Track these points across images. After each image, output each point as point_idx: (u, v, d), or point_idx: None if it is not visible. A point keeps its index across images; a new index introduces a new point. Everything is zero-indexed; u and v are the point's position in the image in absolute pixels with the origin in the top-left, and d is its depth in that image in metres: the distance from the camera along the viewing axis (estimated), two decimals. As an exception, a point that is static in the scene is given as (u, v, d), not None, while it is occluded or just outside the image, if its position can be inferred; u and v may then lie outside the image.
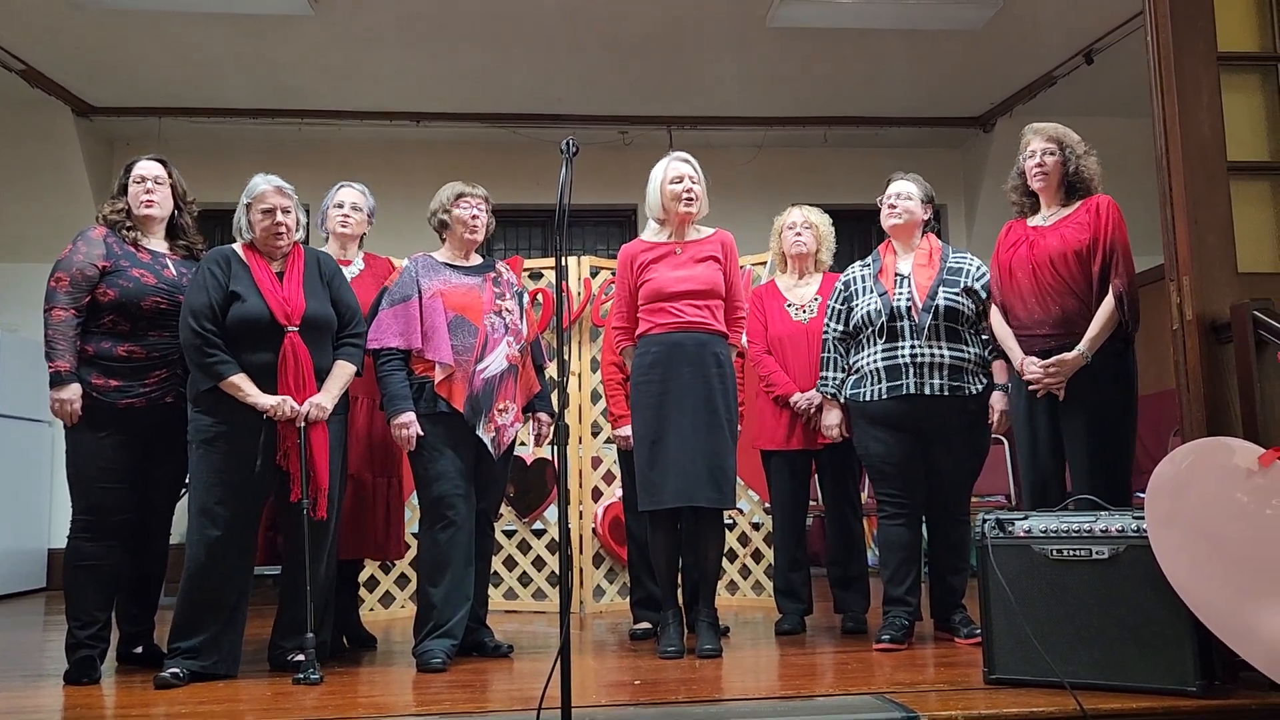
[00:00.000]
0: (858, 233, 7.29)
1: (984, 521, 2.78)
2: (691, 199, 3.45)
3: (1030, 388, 3.22)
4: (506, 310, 3.41)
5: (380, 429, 3.49)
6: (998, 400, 3.42)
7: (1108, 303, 3.13)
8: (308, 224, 3.31)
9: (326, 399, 3.10)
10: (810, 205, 4.05)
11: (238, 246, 3.20)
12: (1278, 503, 2.37)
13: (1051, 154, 3.29)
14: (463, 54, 5.94)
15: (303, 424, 3.03)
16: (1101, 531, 2.62)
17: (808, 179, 7.10)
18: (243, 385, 2.99)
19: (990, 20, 5.56)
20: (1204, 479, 2.46)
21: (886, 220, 3.54)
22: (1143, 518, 2.54)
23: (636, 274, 3.47)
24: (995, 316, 3.37)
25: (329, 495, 3.10)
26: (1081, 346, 3.13)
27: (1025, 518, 2.74)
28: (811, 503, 4.09)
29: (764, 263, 4.61)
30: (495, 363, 3.33)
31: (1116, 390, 3.17)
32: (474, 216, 3.41)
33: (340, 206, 3.69)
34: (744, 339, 3.66)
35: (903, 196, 3.54)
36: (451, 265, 3.43)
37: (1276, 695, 2.38)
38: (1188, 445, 2.56)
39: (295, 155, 6.54)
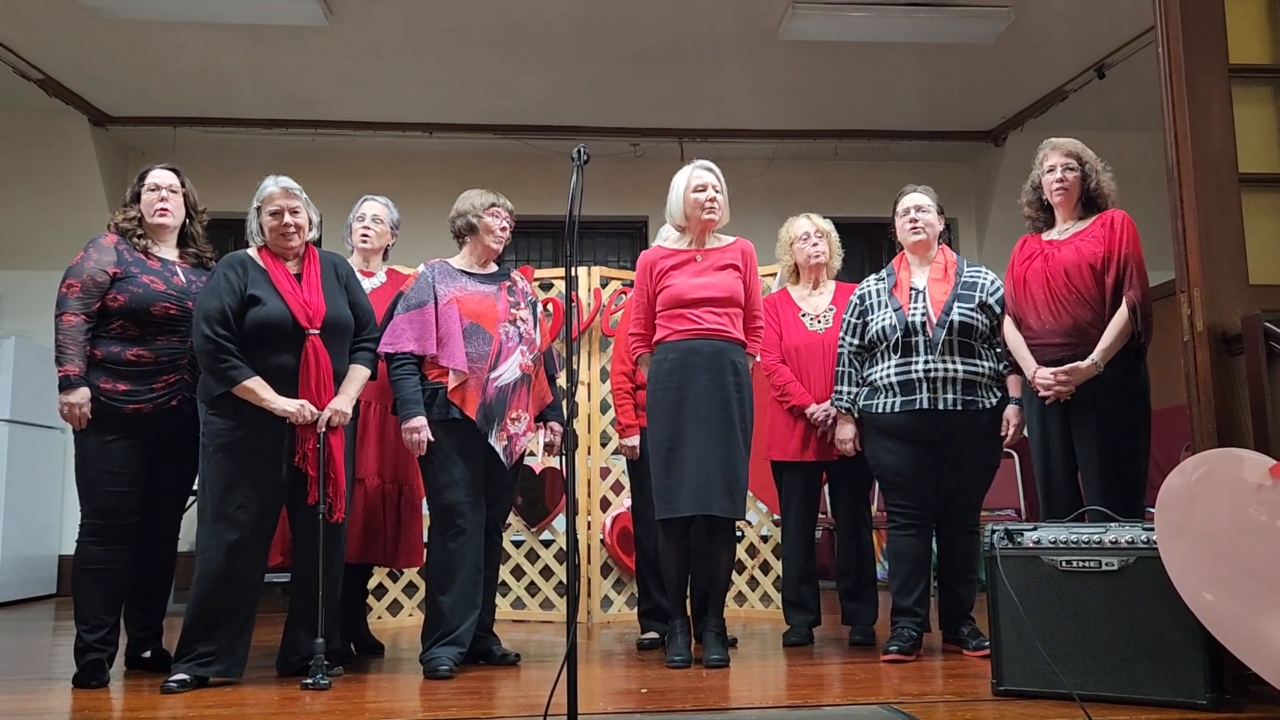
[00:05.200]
0: (868, 246, 7.30)
1: (993, 532, 2.77)
2: (714, 208, 3.45)
3: (1040, 395, 3.23)
4: (521, 319, 3.43)
5: (393, 435, 3.50)
6: (1012, 414, 3.41)
7: (1120, 314, 3.14)
8: (319, 222, 3.32)
9: (345, 403, 3.12)
10: (814, 214, 4.05)
11: (253, 251, 3.22)
12: (1289, 515, 2.35)
13: (1072, 169, 3.30)
14: (475, 65, 5.98)
15: (323, 429, 3.05)
16: (1111, 543, 2.61)
17: (819, 192, 7.11)
18: (257, 389, 3.00)
19: (1002, 34, 5.56)
20: (1214, 490, 2.45)
21: (909, 236, 3.54)
22: (1152, 529, 2.53)
23: (655, 280, 3.47)
24: (1009, 327, 3.38)
25: (344, 498, 3.11)
26: (1094, 356, 3.13)
27: (1034, 528, 2.73)
28: (820, 515, 4.08)
29: (774, 274, 4.61)
30: (509, 371, 3.33)
31: (1128, 402, 3.17)
32: (503, 228, 3.46)
33: (362, 220, 3.74)
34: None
35: (922, 210, 3.55)
36: (468, 272, 3.44)
37: (1288, 709, 2.37)
38: (1198, 456, 2.55)
39: (308, 166, 6.57)
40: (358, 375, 3.21)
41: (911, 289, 3.48)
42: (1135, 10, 5.14)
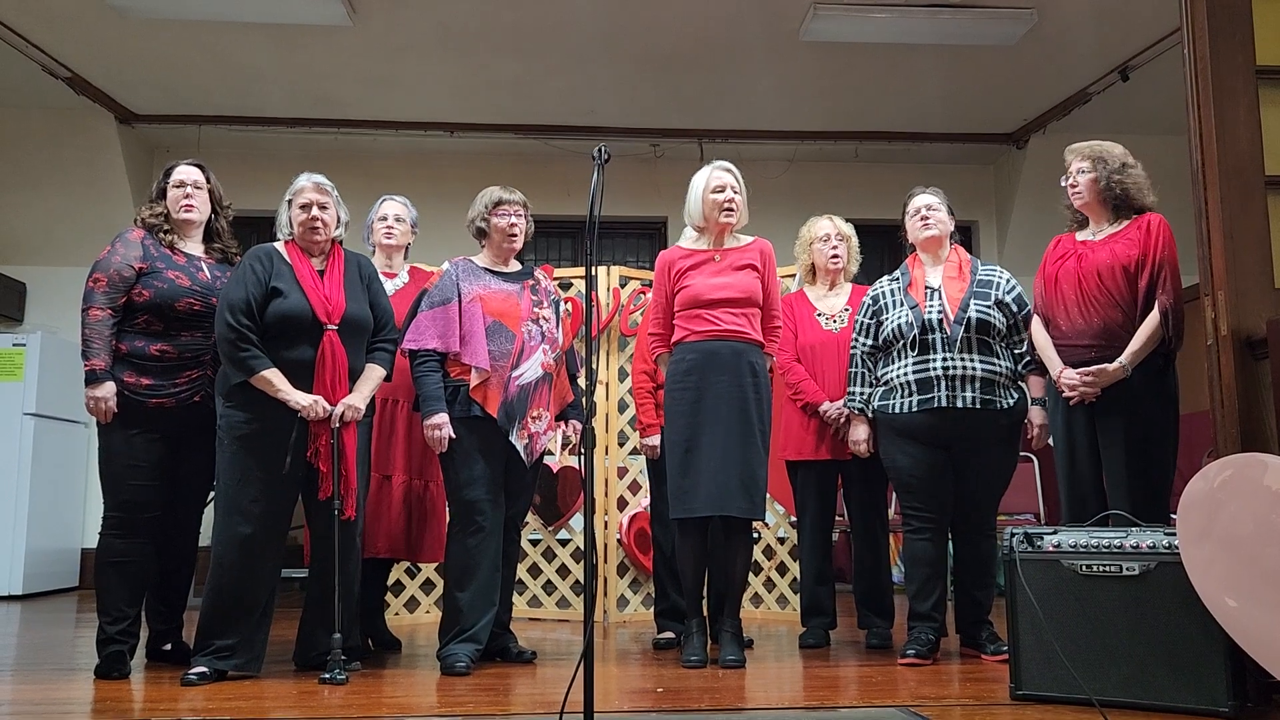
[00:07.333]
0: (888, 247, 7.26)
1: (1012, 536, 2.75)
2: (732, 209, 3.44)
3: (1065, 395, 3.20)
4: (544, 318, 3.43)
5: (419, 431, 3.51)
6: (1036, 415, 3.40)
7: (1152, 318, 3.11)
8: (347, 222, 3.34)
9: (359, 400, 3.13)
10: (835, 216, 4.04)
11: (280, 244, 3.24)
12: (1313, 521, 2.32)
13: (1084, 172, 3.29)
14: (497, 66, 6.00)
15: (337, 424, 3.07)
16: (1132, 547, 2.59)
17: (839, 193, 7.09)
18: (275, 380, 3.02)
19: (1024, 36, 5.53)
20: (1237, 496, 2.42)
21: (921, 232, 3.54)
22: (1174, 534, 2.51)
23: (674, 280, 3.47)
24: (1036, 326, 3.36)
25: (356, 495, 3.12)
26: (1123, 359, 3.11)
27: (1054, 532, 2.71)
28: (837, 518, 4.07)
29: (793, 275, 4.60)
30: (531, 370, 3.34)
31: (1156, 406, 3.15)
32: (511, 224, 3.44)
33: (384, 219, 3.78)
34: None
35: (933, 209, 3.54)
36: (491, 271, 3.46)
37: (1311, 717, 2.34)
38: (1221, 461, 2.52)
39: (331, 164, 6.52)
40: (373, 375, 3.22)
41: (927, 287, 3.47)
42: (1160, 11, 5.11)
